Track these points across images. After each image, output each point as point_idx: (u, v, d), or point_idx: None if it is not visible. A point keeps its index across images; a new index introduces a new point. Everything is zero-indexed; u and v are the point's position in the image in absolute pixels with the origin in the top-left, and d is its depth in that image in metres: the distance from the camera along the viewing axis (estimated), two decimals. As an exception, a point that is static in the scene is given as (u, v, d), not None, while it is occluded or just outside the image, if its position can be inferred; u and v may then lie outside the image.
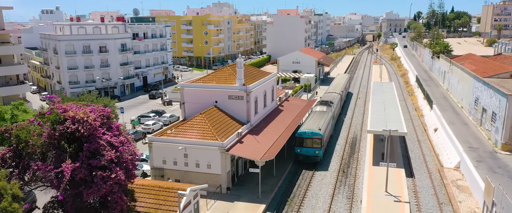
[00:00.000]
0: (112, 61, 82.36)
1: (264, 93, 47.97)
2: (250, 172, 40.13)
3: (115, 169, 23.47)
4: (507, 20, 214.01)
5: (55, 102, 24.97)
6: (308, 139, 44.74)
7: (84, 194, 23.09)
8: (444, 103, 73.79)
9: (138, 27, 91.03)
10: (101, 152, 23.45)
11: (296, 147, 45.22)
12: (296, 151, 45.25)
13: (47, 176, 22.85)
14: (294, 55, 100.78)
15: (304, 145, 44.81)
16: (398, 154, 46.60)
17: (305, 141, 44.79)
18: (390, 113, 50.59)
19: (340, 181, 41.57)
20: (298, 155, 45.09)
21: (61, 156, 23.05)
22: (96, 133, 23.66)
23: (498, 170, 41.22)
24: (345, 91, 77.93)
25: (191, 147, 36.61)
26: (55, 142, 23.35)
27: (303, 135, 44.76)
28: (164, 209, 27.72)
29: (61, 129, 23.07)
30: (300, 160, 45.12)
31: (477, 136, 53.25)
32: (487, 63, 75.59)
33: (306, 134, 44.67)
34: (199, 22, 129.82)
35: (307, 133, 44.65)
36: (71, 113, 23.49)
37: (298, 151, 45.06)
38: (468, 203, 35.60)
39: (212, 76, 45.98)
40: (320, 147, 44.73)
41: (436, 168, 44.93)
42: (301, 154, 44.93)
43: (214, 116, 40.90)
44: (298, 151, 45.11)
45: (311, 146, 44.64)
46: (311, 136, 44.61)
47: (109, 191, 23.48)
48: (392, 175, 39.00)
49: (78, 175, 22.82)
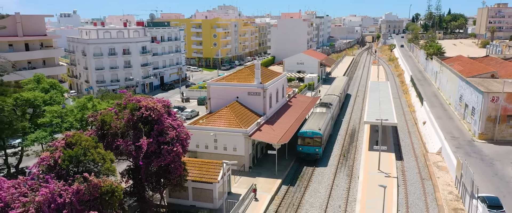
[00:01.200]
0: (134, 62, 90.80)
1: (276, 90, 56.41)
2: (266, 155, 48.52)
3: (175, 144, 31.85)
4: (501, 22, 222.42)
5: (128, 96, 33.41)
6: (309, 138, 48.67)
7: (154, 162, 31.47)
8: (434, 100, 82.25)
9: (156, 31, 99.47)
10: (166, 132, 31.84)
11: (298, 146, 49.19)
12: (298, 149, 49.23)
13: (128, 149, 31.22)
14: (298, 57, 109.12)
15: (305, 144, 48.88)
16: (390, 142, 55.05)
17: (306, 140, 48.78)
18: (384, 107, 59.02)
19: (341, 163, 49.97)
20: (300, 153, 49.13)
21: (138, 135, 31.41)
22: (162, 118, 32.08)
23: (473, 155, 49.73)
24: (343, 93, 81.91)
25: (220, 134, 45.01)
26: (133, 124, 31.73)
27: (305, 135, 48.80)
28: (207, 177, 36.16)
29: (138, 114, 31.46)
30: (302, 157, 49.17)
31: (460, 128, 61.75)
32: (473, 64, 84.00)
33: (307, 134, 48.66)
34: (208, 25, 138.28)
35: (308, 132, 48.67)
36: (144, 103, 31.91)
37: (300, 149, 49.13)
38: (445, 178, 44.04)
39: (233, 76, 54.43)
40: (320, 145, 48.80)
41: (421, 153, 53.34)
42: (303, 152, 49.00)
43: (237, 109, 49.31)
44: (299, 149, 49.16)
45: (311, 145, 48.79)
46: (312, 135, 48.58)
47: (171, 161, 31.86)
48: (384, 158, 47.47)
49: (150, 149, 31.17)
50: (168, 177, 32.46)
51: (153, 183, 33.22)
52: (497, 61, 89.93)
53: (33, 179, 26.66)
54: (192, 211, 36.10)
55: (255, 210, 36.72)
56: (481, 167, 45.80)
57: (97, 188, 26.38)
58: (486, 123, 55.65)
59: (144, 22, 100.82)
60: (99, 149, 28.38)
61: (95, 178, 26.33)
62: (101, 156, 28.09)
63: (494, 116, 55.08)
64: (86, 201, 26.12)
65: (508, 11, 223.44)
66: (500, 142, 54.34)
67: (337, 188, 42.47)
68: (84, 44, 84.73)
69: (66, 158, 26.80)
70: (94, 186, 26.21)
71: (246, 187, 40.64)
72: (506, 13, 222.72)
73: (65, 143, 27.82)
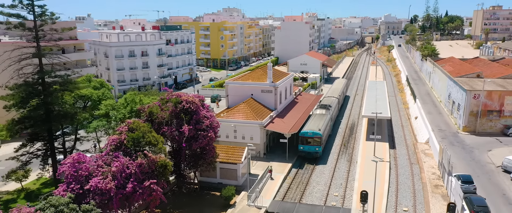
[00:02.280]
0: (151, 63, 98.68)
1: (285, 88, 64.28)
2: (277, 144, 56.28)
3: (209, 131, 39.72)
4: (495, 24, 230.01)
5: (170, 92, 41.26)
6: (309, 138, 52.28)
7: (193, 145, 39.31)
8: (427, 98, 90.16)
9: (170, 34, 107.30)
10: (202, 121, 39.68)
11: (299, 145, 52.84)
12: (299, 148, 52.84)
13: (172, 134, 39.06)
14: (301, 58, 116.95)
15: (306, 143, 52.53)
16: (385, 133, 62.88)
17: (307, 140, 52.36)
18: (380, 104, 66.85)
19: (342, 151, 57.82)
20: (301, 151, 52.87)
21: (180, 123, 39.25)
22: (198, 109, 39.95)
23: (456, 144, 57.69)
24: (342, 95, 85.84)
25: (239, 125, 52.82)
26: (175, 115, 39.57)
27: (305, 135, 52.39)
28: (232, 159, 44.03)
29: (180, 106, 39.30)
30: (303, 156, 52.95)
31: (447, 122, 69.70)
32: (462, 65, 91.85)
33: (308, 134, 52.28)
34: (216, 28, 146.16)
35: (308, 133, 52.32)
36: (184, 97, 39.78)
37: (301, 148, 52.79)
38: (430, 163, 51.92)
39: (248, 76, 62.30)
40: (320, 145, 52.47)
41: (412, 143, 61.21)
42: (304, 151, 52.69)
43: (252, 104, 57.15)
44: (301, 148, 52.78)
45: (312, 144, 52.42)
46: (312, 135, 52.19)
47: (206, 144, 39.74)
48: (379, 147, 55.30)
49: (189, 134, 39.01)
50: (204, 157, 40.30)
51: (191, 163, 41.06)
52: (485, 62, 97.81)
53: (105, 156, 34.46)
54: (219, 187, 43.86)
55: (272, 186, 44.55)
56: (461, 154, 53.79)
57: (154, 162, 34.19)
58: (469, 117, 63.60)
59: (159, 26, 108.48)
60: (153, 133, 36.22)
61: (153, 155, 34.16)
62: (154, 138, 35.92)
63: (476, 111, 62.99)
64: (146, 172, 33.88)
65: (503, 13, 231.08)
66: (481, 134, 62.26)
67: (339, 171, 50.31)
68: (107, 47, 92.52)
69: (130, 139, 34.63)
70: (152, 161, 34.03)
71: (262, 169, 48.44)
72: (500, 15, 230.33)
73: (128, 128, 35.66)
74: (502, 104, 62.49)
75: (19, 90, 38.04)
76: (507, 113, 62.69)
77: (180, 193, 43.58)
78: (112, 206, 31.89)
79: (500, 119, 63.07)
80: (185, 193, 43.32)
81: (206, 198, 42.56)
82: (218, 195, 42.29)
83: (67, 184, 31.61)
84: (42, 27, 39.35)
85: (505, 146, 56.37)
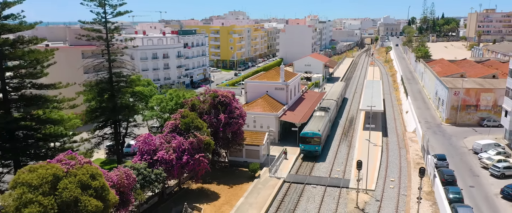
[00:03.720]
0: (171, 65, 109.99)
1: (294, 86, 75.57)
2: (288, 132, 67.38)
3: (239, 119, 51.01)
4: (489, 26, 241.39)
5: (208, 88, 52.57)
6: (309, 138, 57.11)
7: (227, 129, 50.58)
8: (418, 95, 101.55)
9: (187, 38, 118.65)
10: (234, 110, 50.95)
11: (301, 144, 57.92)
12: (300, 147, 58.09)
13: (211, 121, 50.32)
14: (306, 60, 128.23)
15: (307, 143, 57.47)
16: (379, 124, 74.11)
17: (307, 140, 57.22)
18: (375, 99, 78.02)
19: (343, 139, 69.07)
20: (302, 150, 58.14)
21: (217, 112, 50.47)
22: (231, 102, 51.25)
23: (438, 133, 69.05)
24: (340, 98, 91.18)
25: (258, 116, 64.05)
26: (213, 106, 50.82)
27: (306, 135, 57.34)
28: (256, 141, 55.32)
29: (217, 99, 50.57)
30: (304, 154, 58.22)
31: (433, 116, 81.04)
32: (450, 66, 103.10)
33: (308, 134, 57.17)
34: (225, 31, 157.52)
35: (309, 133, 57.22)
36: (220, 92, 51.08)
37: (302, 148, 57.90)
38: (415, 147, 63.22)
39: (263, 76, 73.62)
40: (319, 144, 57.45)
41: (402, 132, 72.46)
42: (305, 149, 57.75)
43: (268, 99, 68.42)
44: (302, 147, 57.94)
45: (312, 144, 57.35)
46: (312, 135, 57.03)
47: (237, 129, 51.02)
48: (374, 135, 66.44)
49: (225, 121, 50.27)
50: (235, 139, 51.59)
51: (224, 144, 52.29)
52: (471, 63, 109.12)
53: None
54: (245, 165, 55.04)
55: (286, 164, 55.75)
56: (442, 140, 65.20)
57: (201, 141, 45.44)
58: (450, 111, 74.99)
59: (177, 31, 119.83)
60: (199, 120, 47.51)
61: (200, 135, 45.43)
62: (200, 123, 47.18)
63: (456, 106, 74.35)
64: (195, 148, 45.08)
65: (496, 16, 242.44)
66: (460, 125, 73.65)
67: (340, 153, 61.54)
68: (133, 50, 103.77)
69: (183, 124, 45.90)
70: (200, 140, 45.28)
71: (278, 152, 59.58)
72: (493, 18, 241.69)
73: (180, 116, 46.95)
74: (478, 99, 73.82)
75: (95, 87, 49.41)
76: (482, 107, 74.02)
77: (214, 169, 54.70)
78: (173, 172, 43.15)
79: (476, 112, 74.42)
80: (218, 169, 54.47)
81: (235, 172, 53.80)
82: (245, 171, 53.49)
83: (141, 155, 42.89)
84: (112, 38, 50.78)
85: (478, 134, 67.71)
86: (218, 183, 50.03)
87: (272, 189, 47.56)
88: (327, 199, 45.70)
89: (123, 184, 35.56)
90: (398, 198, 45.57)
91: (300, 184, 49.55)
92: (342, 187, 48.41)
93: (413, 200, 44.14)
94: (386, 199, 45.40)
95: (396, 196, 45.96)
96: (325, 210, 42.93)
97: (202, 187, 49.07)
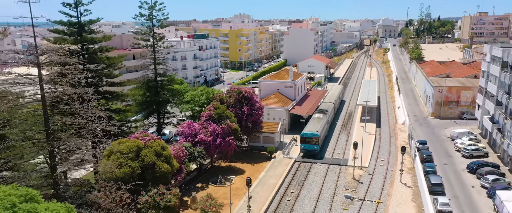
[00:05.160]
0: (188, 66, 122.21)
1: (301, 85, 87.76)
2: (297, 124, 79.49)
3: (259, 110, 63.25)
4: (482, 28, 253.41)
5: (233, 86, 64.76)
6: (309, 138, 62.87)
7: (249, 119, 62.80)
8: (410, 93, 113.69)
9: (202, 42, 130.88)
10: (254, 104, 63.15)
11: (301, 144, 63.90)
12: (301, 146, 64.09)
13: (236, 112, 62.48)
14: (309, 61, 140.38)
15: (306, 143, 63.31)
16: (374, 118, 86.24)
17: (307, 140, 62.99)
18: (370, 96, 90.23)
19: (342, 129, 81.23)
20: (302, 149, 63.94)
21: (241, 106, 62.64)
22: (252, 97, 63.47)
23: (424, 124, 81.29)
24: (338, 100, 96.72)
25: (271, 110, 76.17)
26: (238, 100, 63.00)
27: (306, 135, 63.18)
28: (271, 129, 67.51)
29: (241, 95, 62.77)
30: (304, 153, 63.85)
31: (421, 110, 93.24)
32: (438, 67, 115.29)
33: (308, 135, 63.04)
34: (234, 34, 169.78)
35: (308, 134, 63.13)
36: (243, 89, 63.29)
37: (302, 147, 63.86)
38: (403, 135, 75.45)
39: (274, 76, 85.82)
40: (318, 144, 63.38)
41: (393, 124, 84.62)
42: (304, 149, 63.52)
43: (279, 96, 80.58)
44: (302, 146, 63.83)
45: (311, 143, 63.15)
46: (311, 136, 62.79)
47: (257, 119, 63.25)
48: (369, 126, 78.59)
49: (247, 112, 62.44)
50: (256, 127, 63.77)
51: (246, 131, 64.41)
52: (458, 65, 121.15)
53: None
54: (262, 149, 67.10)
55: (296, 148, 67.82)
56: (426, 130, 77.39)
57: (230, 127, 57.58)
58: (435, 106, 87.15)
59: (193, 35, 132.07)
60: (228, 111, 59.68)
61: (230, 123, 57.56)
62: (229, 114, 59.35)
63: (440, 102, 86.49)
64: (226, 133, 57.17)
65: (488, 19, 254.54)
66: (443, 118, 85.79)
67: (340, 141, 73.66)
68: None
69: (216, 114, 58.06)
70: (230, 127, 57.42)
71: (288, 139, 71.75)
72: (486, 21, 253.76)
73: (214, 107, 59.12)
74: (459, 96, 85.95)
75: (144, 84, 61.79)
76: (462, 103, 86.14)
77: (237, 152, 66.61)
78: (210, 151, 55.29)
79: (457, 107, 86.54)
80: (240, 152, 66.53)
81: (255, 154, 65.90)
82: (262, 153, 65.56)
83: (185, 138, 55.06)
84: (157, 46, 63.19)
85: (458, 125, 79.80)
86: (242, 162, 62.21)
87: (286, 166, 59.72)
88: (330, 173, 57.88)
89: (179, 156, 47.78)
90: (386, 172, 57.75)
91: (308, 163, 61.72)
92: (342, 165, 60.58)
93: (397, 173, 56.30)
94: (377, 173, 57.56)
95: (385, 171, 58.14)
96: (329, 181, 55.09)
97: (229, 165, 61.22)
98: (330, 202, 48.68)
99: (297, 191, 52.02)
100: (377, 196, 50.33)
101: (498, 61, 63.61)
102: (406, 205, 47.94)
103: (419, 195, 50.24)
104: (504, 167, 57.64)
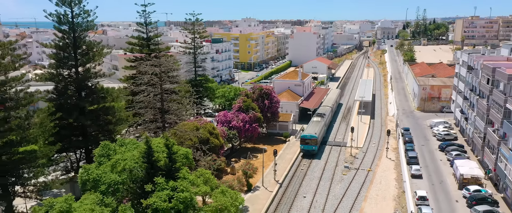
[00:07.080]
0: (207, 67, 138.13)
1: (308, 83, 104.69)
2: (304, 116, 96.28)
3: (277, 103, 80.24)
4: (474, 31, 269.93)
5: (255, 85, 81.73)
6: (308, 140, 70.75)
7: (268, 111, 79.68)
8: (402, 91, 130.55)
9: (218, 46, 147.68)
10: (273, 98, 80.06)
11: (301, 145, 71.77)
12: (301, 147, 71.85)
13: (258, 105, 79.32)
14: (312, 63, 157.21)
15: (305, 143, 71.15)
16: (369, 111, 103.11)
17: (306, 141, 70.83)
18: (366, 93, 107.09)
19: (342, 121, 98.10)
20: (302, 149, 71.79)
21: (263, 100, 79.49)
22: (271, 92, 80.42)
23: (410, 116, 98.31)
24: (336, 104, 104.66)
25: (284, 104, 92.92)
26: (260, 95, 79.83)
27: (305, 137, 71.05)
28: (285, 119, 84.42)
29: (262, 91, 79.64)
30: (303, 153, 71.80)
31: (409, 105, 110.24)
32: (427, 68, 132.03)
33: (307, 137, 70.93)
34: (244, 38, 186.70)
35: (307, 136, 71.06)
36: (264, 86, 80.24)
37: (302, 147, 71.70)
38: (392, 125, 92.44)
39: (285, 76, 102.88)
40: (316, 144, 71.22)
41: (385, 116, 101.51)
42: (304, 149, 71.41)
43: (290, 92, 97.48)
44: (301, 147, 71.66)
45: (310, 144, 71.03)
46: (310, 137, 70.69)
47: (275, 110, 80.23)
48: (364, 118, 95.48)
49: (268, 105, 79.29)
50: (274, 117, 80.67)
51: (266, 120, 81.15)
52: (444, 66, 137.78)
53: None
54: (278, 135, 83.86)
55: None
56: (411, 121, 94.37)
57: (256, 116, 74.43)
58: (420, 101, 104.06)
59: (210, 39, 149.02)
60: (253, 103, 76.52)
61: (255, 113, 74.39)
62: (254, 106, 76.19)
63: (424, 98, 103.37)
64: (252, 120, 73.95)
65: (480, 22, 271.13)
66: (427, 111, 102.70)
67: (340, 130, 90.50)
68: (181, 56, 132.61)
69: (244, 105, 74.90)
70: (255, 115, 74.27)
71: (299, 127, 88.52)
72: (478, 24, 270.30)
73: (242, 100, 75.98)
74: (440, 93, 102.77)
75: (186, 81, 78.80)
76: (443, 98, 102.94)
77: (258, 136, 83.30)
78: (241, 134, 72.12)
79: (439, 102, 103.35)
80: (261, 137, 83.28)
81: (273, 138, 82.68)
82: (278, 138, 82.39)
83: (221, 124, 71.88)
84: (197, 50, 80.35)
85: (437, 117, 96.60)
86: (264, 144, 78.88)
87: (298, 147, 76.55)
88: (332, 151, 74.76)
89: (222, 135, 64.67)
90: (376, 151, 74.62)
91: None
92: (342, 146, 77.46)
93: (384, 151, 73.15)
94: (369, 152, 74.40)
95: (375, 150, 75.00)
96: (332, 156, 71.97)
97: (254, 146, 78.04)
98: (333, 170, 65.62)
99: (308, 163, 68.96)
100: (368, 166, 67.29)
101: (465, 64, 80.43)
102: (389, 172, 64.90)
103: (399, 165, 67.17)
104: (467, 147, 74.49)
